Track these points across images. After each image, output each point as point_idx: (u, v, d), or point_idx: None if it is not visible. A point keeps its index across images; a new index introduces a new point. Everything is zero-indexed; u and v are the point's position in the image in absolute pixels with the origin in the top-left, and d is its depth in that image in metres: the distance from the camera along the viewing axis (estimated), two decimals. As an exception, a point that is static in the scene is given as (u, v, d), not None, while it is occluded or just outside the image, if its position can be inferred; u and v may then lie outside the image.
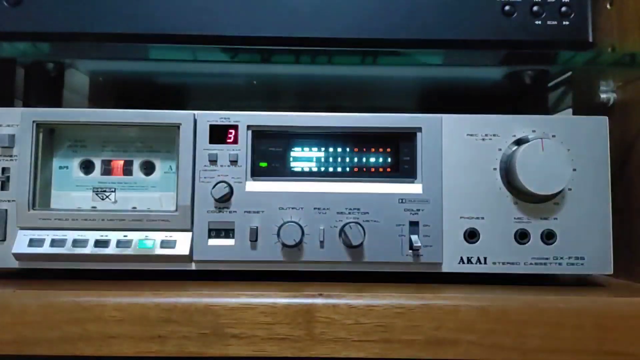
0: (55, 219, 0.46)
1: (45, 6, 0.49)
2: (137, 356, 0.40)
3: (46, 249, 0.45)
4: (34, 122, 0.47)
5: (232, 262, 0.46)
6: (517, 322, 0.40)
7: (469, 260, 0.46)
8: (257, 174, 0.48)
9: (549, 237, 0.46)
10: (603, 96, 0.56)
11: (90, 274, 0.47)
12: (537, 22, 0.50)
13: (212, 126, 0.47)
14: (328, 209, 0.47)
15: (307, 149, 0.49)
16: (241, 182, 0.47)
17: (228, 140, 0.47)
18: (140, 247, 0.46)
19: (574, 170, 0.46)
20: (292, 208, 0.47)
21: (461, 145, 0.47)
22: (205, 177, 0.47)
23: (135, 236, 0.46)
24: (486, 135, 0.47)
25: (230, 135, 0.47)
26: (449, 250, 0.46)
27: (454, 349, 0.40)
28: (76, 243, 0.46)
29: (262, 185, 0.47)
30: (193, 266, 0.46)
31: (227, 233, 0.46)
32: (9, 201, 0.46)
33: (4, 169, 0.47)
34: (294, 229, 0.46)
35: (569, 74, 0.61)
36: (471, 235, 0.47)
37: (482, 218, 0.47)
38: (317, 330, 0.40)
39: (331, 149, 0.49)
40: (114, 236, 0.46)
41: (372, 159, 0.49)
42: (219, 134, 0.47)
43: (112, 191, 0.49)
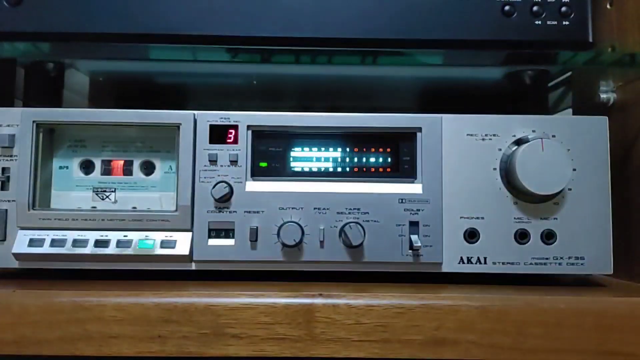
0: (55, 219, 0.46)
1: (45, 6, 0.49)
2: (137, 356, 0.40)
3: (46, 249, 0.45)
4: (34, 122, 0.47)
5: (232, 262, 0.46)
6: (517, 322, 0.40)
7: (469, 260, 0.46)
8: (257, 174, 0.48)
9: (549, 237, 0.46)
10: (603, 96, 0.56)
11: (90, 274, 0.47)
12: (537, 22, 0.50)
13: (212, 126, 0.47)
14: (328, 209, 0.47)
15: (307, 149, 0.49)
16: (241, 182, 0.47)
17: (228, 140, 0.47)
18: (140, 247, 0.46)
19: (574, 170, 0.46)
20: (292, 208, 0.47)
21: (461, 145, 0.47)
22: (205, 177, 0.47)
23: (135, 236, 0.46)
24: (486, 135, 0.47)
25: (230, 135, 0.47)
26: (449, 250, 0.46)
27: (454, 349, 0.40)
28: (76, 243, 0.46)
29: (262, 185, 0.47)
30: (193, 266, 0.46)
31: (227, 233, 0.46)
32: (9, 201, 0.46)
33: (4, 169, 0.47)
34: (294, 229, 0.46)
35: (569, 74, 0.62)
36: (471, 235, 0.47)
37: (482, 218, 0.47)
38: (317, 330, 0.40)
39: (331, 149, 0.49)
40: (114, 236, 0.46)
41: (372, 159, 0.49)
42: (219, 134, 0.47)
43: (112, 191, 0.49)
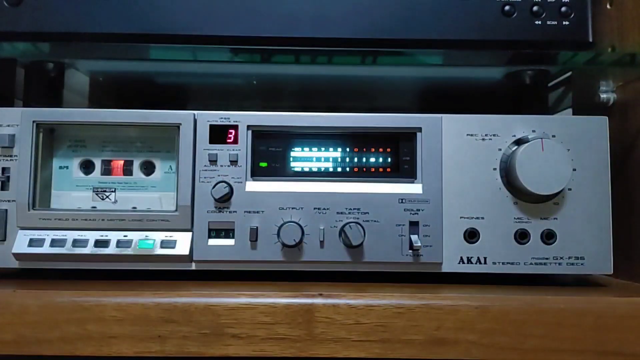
0: (55, 219, 0.46)
1: (45, 6, 0.49)
2: (137, 356, 0.40)
3: (46, 249, 0.45)
4: (34, 122, 0.47)
5: (232, 262, 0.46)
6: (517, 322, 0.40)
7: (469, 260, 0.46)
8: (257, 174, 0.48)
9: (549, 237, 0.46)
10: (603, 96, 0.56)
11: (90, 274, 0.47)
12: (537, 22, 0.50)
13: (212, 126, 0.47)
14: (328, 209, 0.47)
15: (307, 149, 0.49)
16: (241, 182, 0.47)
17: (228, 140, 0.47)
18: (140, 247, 0.46)
19: (574, 170, 0.46)
20: (292, 208, 0.47)
21: (461, 145, 0.47)
22: (205, 177, 0.47)
23: (135, 236, 0.46)
24: (486, 135, 0.47)
25: (230, 135, 0.47)
26: (449, 250, 0.46)
27: (454, 349, 0.40)
28: (76, 243, 0.46)
29: (262, 185, 0.47)
30: (193, 266, 0.46)
31: (227, 233, 0.46)
32: (9, 201, 0.46)
33: (4, 169, 0.47)
34: (294, 229, 0.46)
35: (569, 74, 0.61)
36: (471, 235, 0.47)
37: (482, 218, 0.47)
38: (317, 330, 0.40)
39: (331, 149, 0.49)
40: (114, 236, 0.46)
41: (372, 159, 0.49)
42: (219, 134, 0.47)
43: (112, 191, 0.49)
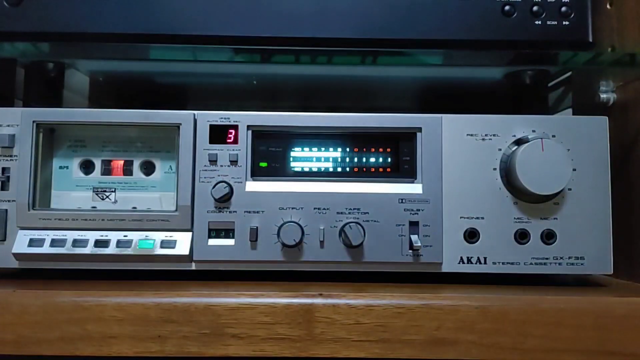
0: (55, 219, 0.46)
1: (45, 6, 0.49)
2: (137, 356, 0.40)
3: (46, 249, 0.45)
4: (34, 122, 0.47)
5: (232, 262, 0.46)
6: (517, 322, 0.40)
7: (469, 260, 0.46)
8: (257, 174, 0.48)
9: (549, 237, 0.46)
10: (603, 96, 0.56)
11: (90, 274, 0.47)
12: (537, 22, 0.50)
13: (212, 126, 0.47)
14: (328, 209, 0.47)
15: (307, 149, 0.49)
16: (241, 182, 0.47)
17: (228, 140, 0.47)
18: (140, 247, 0.46)
19: (574, 170, 0.46)
20: (292, 208, 0.47)
21: (461, 145, 0.47)
22: (205, 177, 0.47)
23: (135, 236, 0.46)
24: (486, 135, 0.47)
25: (230, 135, 0.47)
26: (449, 250, 0.46)
27: (454, 349, 0.40)
28: (76, 243, 0.46)
29: (262, 185, 0.47)
30: (193, 266, 0.46)
31: (227, 233, 0.46)
32: (9, 201, 0.46)
33: (4, 169, 0.47)
34: (294, 229, 0.46)
35: (569, 74, 0.61)
36: (471, 235, 0.47)
37: (482, 218, 0.47)
38: (317, 330, 0.40)
39: (331, 149, 0.49)
40: (114, 236, 0.46)
41: (372, 159, 0.49)
42: (219, 134, 0.47)
43: (112, 191, 0.49)
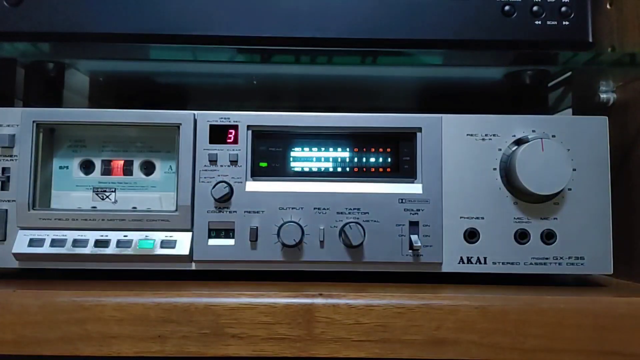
0: (55, 219, 0.46)
1: (45, 6, 0.49)
2: (137, 356, 0.40)
3: (46, 249, 0.45)
4: (34, 122, 0.47)
5: (232, 262, 0.46)
6: (517, 322, 0.40)
7: (469, 260, 0.46)
8: (257, 174, 0.48)
9: (549, 237, 0.46)
10: (603, 96, 0.56)
11: (90, 274, 0.47)
12: (537, 22, 0.50)
13: (212, 126, 0.47)
14: (328, 209, 0.47)
15: (307, 149, 0.49)
16: (241, 182, 0.47)
17: (228, 140, 0.47)
18: (140, 247, 0.46)
19: (574, 170, 0.46)
20: (292, 208, 0.47)
21: (461, 145, 0.47)
22: (205, 177, 0.47)
23: (135, 236, 0.46)
24: (486, 135, 0.47)
25: (230, 135, 0.47)
26: (449, 250, 0.46)
27: (454, 349, 0.40)
28: (76, 243, 0.46)
29: (262, 185, 0.47)
30: (193, 266, 0.46)
31: (227, 233, 0.46)
32: (9, 201, 0.46)
33: (4, 169, 0.47)
34: (294, 229, 0.46)
35: (569, 74, 0.61)
36: (471, 235, 0.47)
37: (482, 218, 0.47)
38: (317, 330, 0.40)
39: (331, 149, 0.49)
40: (114, 236, 0.46)
41: (372, 159, 0.49)
42: (219, 134, 0.47)
43: (112, 191, 0.49)
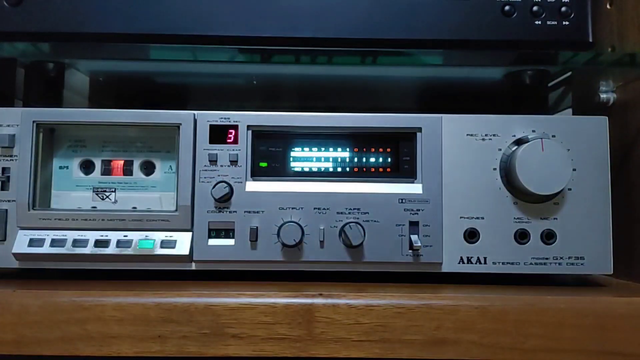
0: (55, 219, 0.46)
1: (45, 6, 0.49)
2: (137, 356, 0.40)
3: (46, 249, 0.45)
4: (34, 122, 0.47)
5: (232, 262, 0.46)
6: (517, 322, 0.40)
7: (469, 260, 0.46)
8: (257, 174, 0.48)
9: (548, 237, 0.46)
10: (603, 96, 0.56)
11: (90, 274, 0.47)
12: (537, 22, 0.50)
13: (212, 126, 0.47)
14: (328, 209, 0.47)
15: (307, 149, 0.49)
16: (241, 182, 0.47)
17: (228, 140, 0.47)
18: (140, 247, 0.46)
19: (574, 170, 0.46)
20: (292, 208, 0.47)
21: (461, 145, 0.47)
22: (205, 177, 0.47)
23: (135, 236, 0.46)
24: (486, 135, 0.47)
25: (230, 135, 0.47)
26: (449, 250, 0.46)
27: (454, 349, 0.40)
28: (76, 243, 0.46)
29: (262, 185, 0.47)
30: (193, 266, 0.46)
31: (227, 233, 0.46)
32: (9, 201, 0.46)
33: (4, 169, 0.47)
34: (294, 229, 0.46)
35: (569, 74, 0.61)
36: (471, 235, 0.47)
37: (482, 218, 0.47)
38: (317, 330, 0.40)
39: (331, 149, 0.49)
40: (114, 236, 0.46)
41: (372, 159, 0.49)
42: (219, 134, 0.47)
43: (112, 191, 0.49)
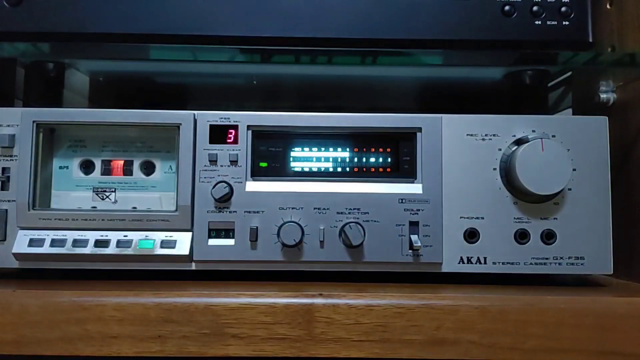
0: (55, 219, 0.46)
1: (45, 6, 0.49)
2: (137, 356, 0.40)
3: (46, 249, 0.45)
4: (34, 122, 0.47)
5: (232, 262, 0.46)
6: (517, 322, 0.40)
7: (469, 260, 0.46)
8: (257, 174, 0.48)
9: (548, 237, 0.46)
10: (603, 96, 0.56)
11: (90, 274, 0.47)
12: (536, 22, 0.50)
13: (212, 126, 0.47)
14: (328, 209, 0.47)
15: (307, 149, 0.49)
16: (241, 182, 0.47)
17: (228, 140, 0.47)
18: (140, 247, 0.46)
19: (574, 170, 0.46)
20: (292, 208, 0.47)
21: (461, 145, 0.47)
22: (205, 177, 0.47)
23: (135, 236, 0.46)
24: (486, 135, 0.47)
25: (230, 135, 0.47)
26: (449, 250, 0.46)
27: (454, 349, 0.40)
28: (76, 243, 0.46)
29: (262, 185, 0.47)
30: (193, 266, 0.46)
31: (227, 233, 0.46)
32: (9, 201, 0.46)
33: (4, 169, 0.47)
34: (294, 229, 0.46)
35: (569, 74, 0.61)
36: (471, 235, 0.47)
37: (482, 218, 0.47)
38: (317, 330, 0.40)
39: (331, 149, 0.49)
40: (114, 236, 0.46)
41: (372, 159, 0.49)
42: (219, 134, 0.47)
43: (112, 191, 0.49)
